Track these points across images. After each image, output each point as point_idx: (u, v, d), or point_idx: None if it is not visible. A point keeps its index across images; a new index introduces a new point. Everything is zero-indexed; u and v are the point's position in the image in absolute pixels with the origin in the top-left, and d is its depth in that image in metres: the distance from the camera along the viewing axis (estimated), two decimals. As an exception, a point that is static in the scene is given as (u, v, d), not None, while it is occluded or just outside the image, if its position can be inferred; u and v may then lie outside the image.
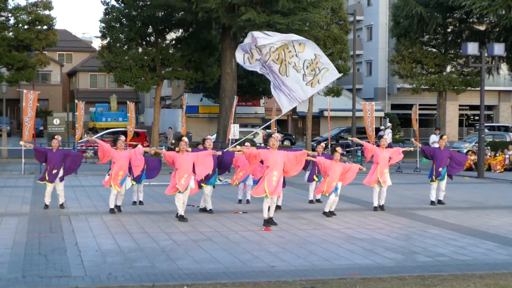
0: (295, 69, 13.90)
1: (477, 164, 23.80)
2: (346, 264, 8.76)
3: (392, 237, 10.86)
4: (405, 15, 32.34)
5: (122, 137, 13.02)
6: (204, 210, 13.28)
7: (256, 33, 13.81)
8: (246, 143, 13.92)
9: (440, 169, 14.72)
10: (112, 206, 12.85)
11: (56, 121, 29.72)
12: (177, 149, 11.89)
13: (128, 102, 28.07)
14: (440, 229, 11.65)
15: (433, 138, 26.38)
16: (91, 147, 28.27)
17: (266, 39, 13.70)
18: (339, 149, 12.85)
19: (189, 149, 12.37)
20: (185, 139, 11.88)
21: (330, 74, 13.99)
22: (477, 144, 25.50)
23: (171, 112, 48.97)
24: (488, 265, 8.84)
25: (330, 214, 12.93)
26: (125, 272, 8.08)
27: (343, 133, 36.22)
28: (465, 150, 31.21)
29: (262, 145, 31.34)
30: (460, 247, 10.01)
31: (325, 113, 43.07)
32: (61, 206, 13.44)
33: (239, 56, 14.02)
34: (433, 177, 14.83)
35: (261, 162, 11.81)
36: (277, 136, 11.65)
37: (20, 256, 8.96)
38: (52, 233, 10.83)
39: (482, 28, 33.63)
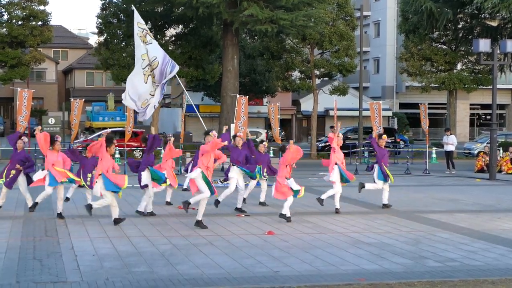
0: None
1: (488, 165, 23.36)
2: (352, 269, 8.64)
3: (400, 241, 10.70)
4: (414, 11, 31.93)
5: (59, 138, 12.59)
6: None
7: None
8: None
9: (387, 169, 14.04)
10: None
11: (51, 121, 29.31)
12: (111, 150, 11.66)
13: (125, 101, 27.72)
14: (450, 233, 11.49)
15: (444, 139, 25.99)
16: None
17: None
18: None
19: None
20: (115, 142, 11.80)
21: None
22: (488, 145, 25.06)
23: (170, 111, 48.54)
24: (500, 270, 8.72)
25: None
26: (123, 277, 7.98)
27: (350, 133, 35.74)
28: (476, 151, 30.82)
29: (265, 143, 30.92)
30: (471, 252, 9.86)
31: (331, 112, 42.70)
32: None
33: (132, 105, 14.96)
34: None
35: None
36: None
37: (14, 260, 8.86)
38: (47, 237, 10.69)
39: (494, 24, 33.15)
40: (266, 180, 14.23)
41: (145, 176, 12.62)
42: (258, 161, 13.96)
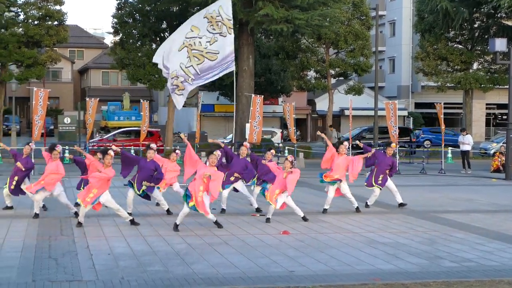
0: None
1: (504, 165, 23.15)
2: (368, 269, 8.59)
3: (415, 241, 10.62)
4: (430, 10, 31.70)
5: (59, 148, 12.37)
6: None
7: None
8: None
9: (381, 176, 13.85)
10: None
11: (67, 120, 29.47)
12: (105, 161, 11.29)
13: (141, 101, 27.78)
14: (466, 233, 11.39)
15: (460, 139, 25.76)
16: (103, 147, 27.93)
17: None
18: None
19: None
20: (111, 152, 11.34)
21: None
22: (504, 145, 24.83)
23: (185, 111, 48.57)
24: (517, 271, 8.63)
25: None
26: (138, 276, 7.98)
27: (365, 132, 35.59)
28: (492, 151, 30.52)
29: (281, 144, 30.98)
30: (487, 252, 9.77)
31: (346, 112, 42.62)
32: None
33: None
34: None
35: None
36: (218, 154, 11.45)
37: (30, 259, 8.88)
38: (63, 236, 10.71)
39: (510, 23, 32.82)
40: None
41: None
42: (263, 170, 13.24)
